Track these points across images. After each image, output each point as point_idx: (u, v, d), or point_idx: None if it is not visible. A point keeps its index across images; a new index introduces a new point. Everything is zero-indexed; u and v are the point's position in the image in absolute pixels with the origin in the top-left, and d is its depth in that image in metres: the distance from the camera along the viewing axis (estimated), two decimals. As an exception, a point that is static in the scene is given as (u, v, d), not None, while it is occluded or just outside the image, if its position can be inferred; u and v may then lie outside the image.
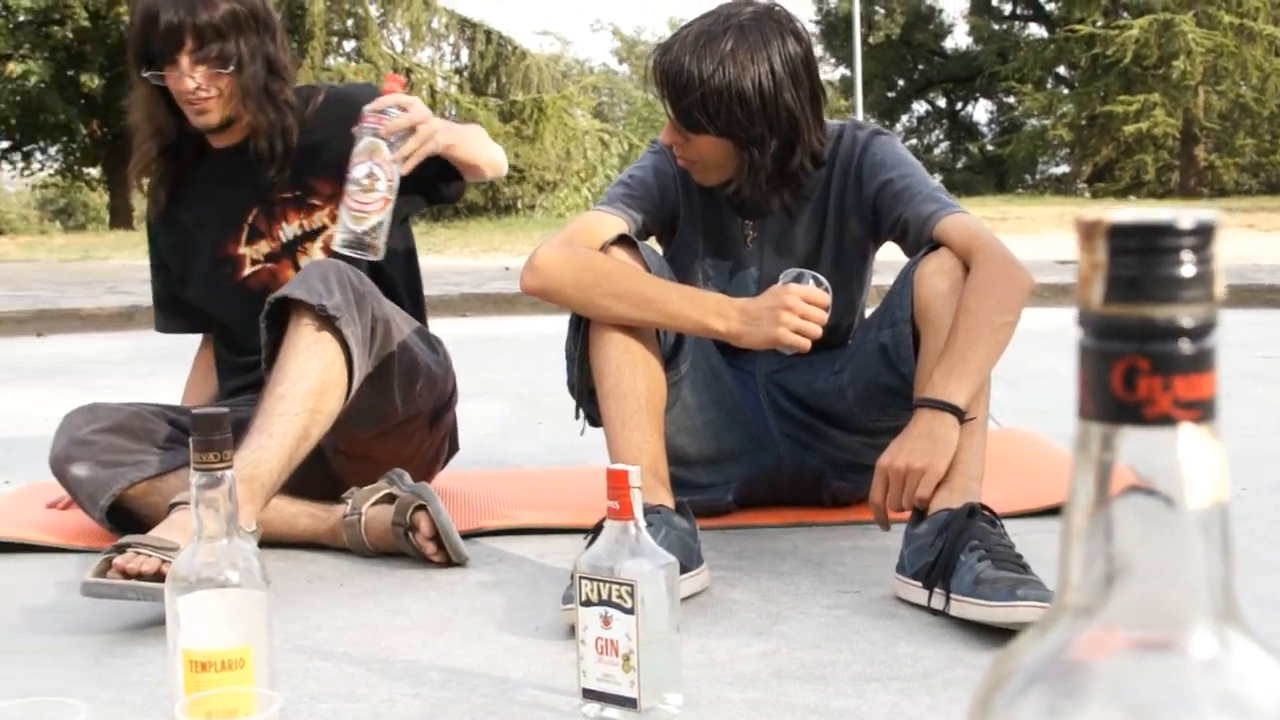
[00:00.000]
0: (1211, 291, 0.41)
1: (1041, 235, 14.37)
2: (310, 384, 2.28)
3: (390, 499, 2.41)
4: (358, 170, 2.46)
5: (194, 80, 2.56)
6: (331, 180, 2.63)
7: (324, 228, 2.67)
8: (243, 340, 2.71)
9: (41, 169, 26.39)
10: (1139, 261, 0.41)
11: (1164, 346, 0.41)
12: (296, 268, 2.66)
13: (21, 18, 21.92)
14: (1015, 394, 4.21)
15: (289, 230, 2.70)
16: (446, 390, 2.72)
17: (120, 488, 2.39)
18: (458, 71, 23.10)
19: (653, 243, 2.60)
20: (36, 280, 10.20)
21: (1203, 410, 0.42)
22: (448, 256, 12.77)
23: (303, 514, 2.49)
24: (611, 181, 2.66)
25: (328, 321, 2.30)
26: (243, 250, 2.72)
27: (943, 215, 2.35)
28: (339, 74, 20.86)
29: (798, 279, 2.28)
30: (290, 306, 2.33)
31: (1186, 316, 0.41)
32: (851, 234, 2.55)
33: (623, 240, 2.38)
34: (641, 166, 2.60)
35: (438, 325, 2.94)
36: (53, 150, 25.33)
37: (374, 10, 22.22)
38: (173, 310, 2.90)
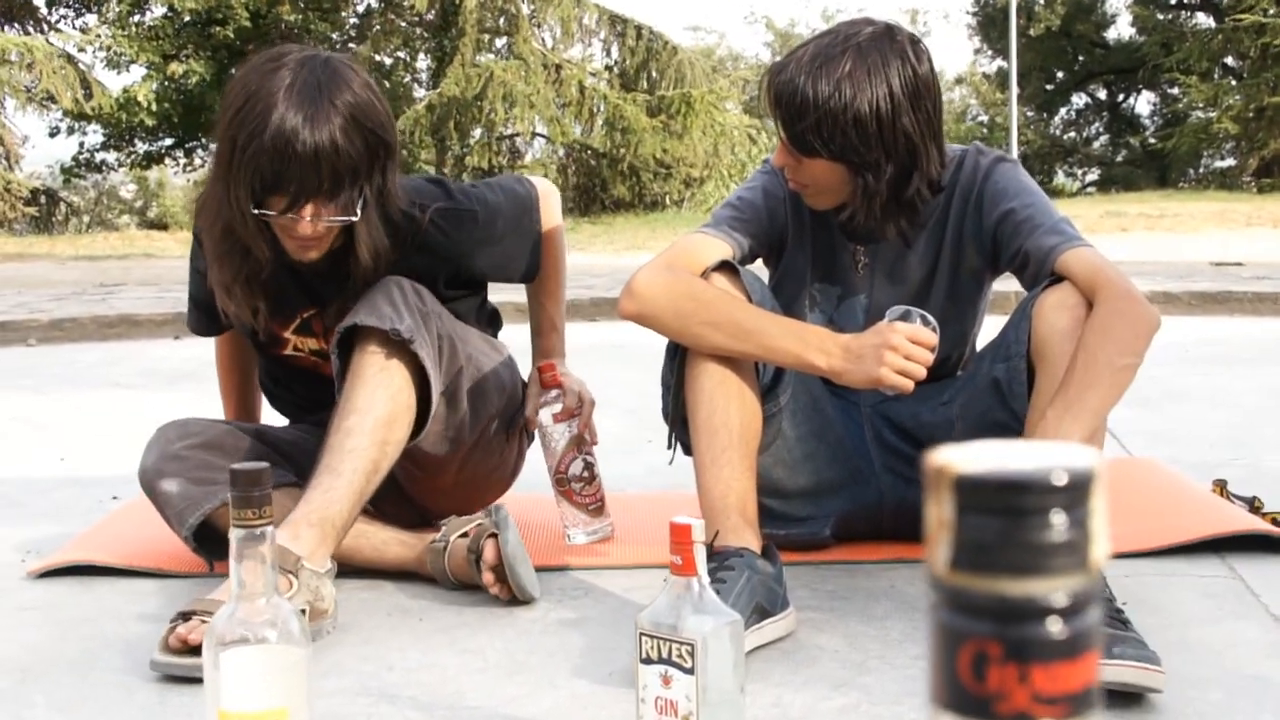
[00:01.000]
0: (1085, 559, 0.32)
1: (1199, 234, 13.90)
2: (379, 414, 2.24)
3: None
4: (573, 467, 2.60)
5: (312, 226, 2.26)
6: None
7: None
8: (292, 385, 2.68)
9: (203, 165, 27.08)
10: (993, 524, 0.32)
11: (1021, 629, 0.33)
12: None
13: (186, 18, 22.50)
14: (1149, 416, 4.03)
15: None
16: (517, 395, 2.64)
17: (211, 507, 2.31)
18: (608, 68, 23.13)
19: (759, 266, 2.52)
20: (180, 282, 10.43)
21: (1072, 706, 0.33)
22: (591, 254, 12.79)
23: (393, 541, 2.45)
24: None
25: (399, 346, 2.25)
26: (288, 335, 2.58)
27: (1066, 248, 2.22)
28: (487, 69, 21.01)
29: (904, 317, 2.18)
30: (356, 334, 2.28)
31: (1053, 592, 0.32)
32: (969, 263, 2.44)
33: (724, 266, 2.30)
34: (750, 187, 2.52)
35: (570, 330, 2.90)
36: (214, 147, 26.01)
37: (525, 7, 22.35)
38: (211, 314, 2.64)
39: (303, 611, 2.08)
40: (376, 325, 2.24)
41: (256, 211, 2.24)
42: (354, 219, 2.28)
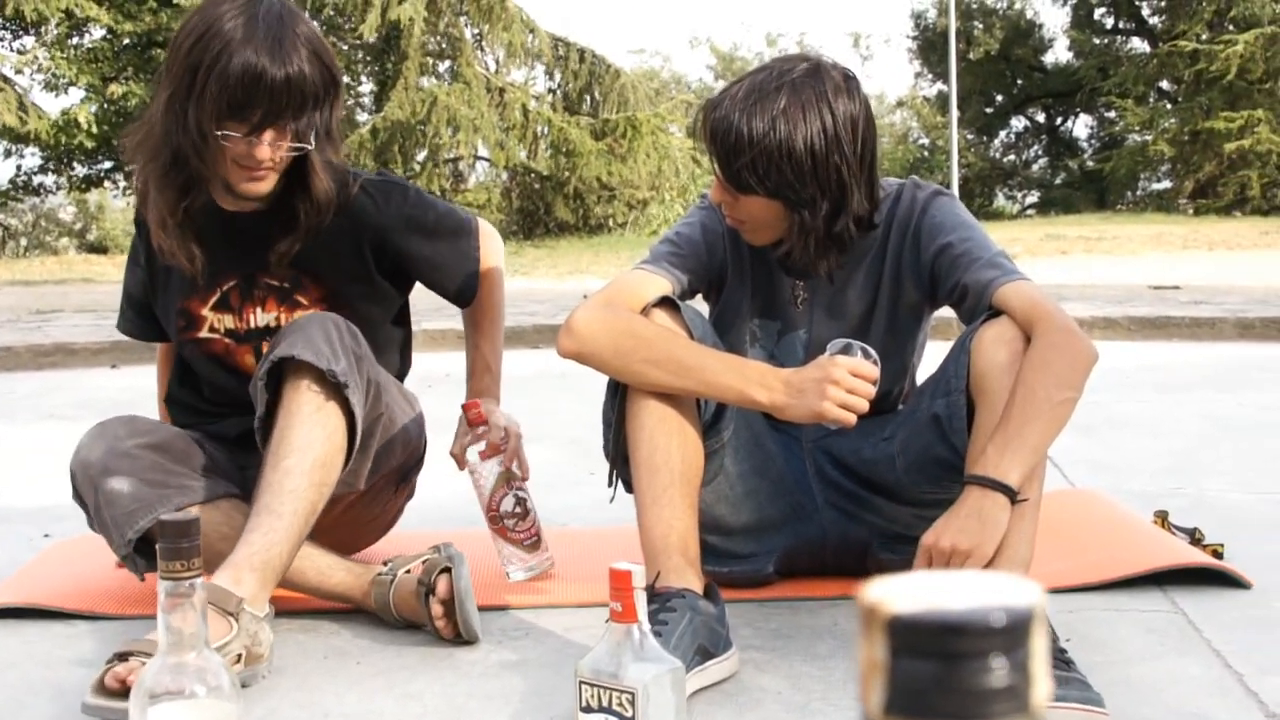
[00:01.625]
0: (1027, 702, 0.31)
1: (1137, 256, 14.05)
2: (316, 454, 2.21)
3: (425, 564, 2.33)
4: (504, 504, 2.59)
5: (271, 151, 2.32)
6: (323, 287, 2.51)
7: None
8: (198, 384, 2.63)
9: (144, 188, 26.78)
10: (929, 668, 0.30)
11: (961, 779, 0.31)
12: (258, 356, 2.51)
13: (126, 41, 22.30)
14: (1091, 445, 4.05)
15: (262, 318, 2.52)
16: (419, 450, 2.65)
17: (163, 512, 2.23)
18: (551, 91, 23.12)
19: (699, 301, 2.51)
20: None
21: None
22: (534, 279, 12.75)
23: (337, 567, 2.40)
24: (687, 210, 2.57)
25: (334, 388, 2.23)
26: (206, 313, 2.54)
27: (1004, 282, 2.22)
28: (431, 95, 20.96)
29: (845, 350, 2.17)
30: (289, 365, 2.24)
31: (992, 737, 0.30)
32: (907, 297, 2.44)
33: (665, 302, 2.28)
34: (689, 223, 2.50)
35: (508, 358, 2.88)
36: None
37: (468, 31, 22.32)
38: (146, 315, 2.69)
39: (239, 656, 2.04)
40: (313, 362, 2.20)
41: (224, 139, 2.27)
42: (309, 147, 2.33)
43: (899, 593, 0.30)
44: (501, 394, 2.72)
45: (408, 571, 2.32)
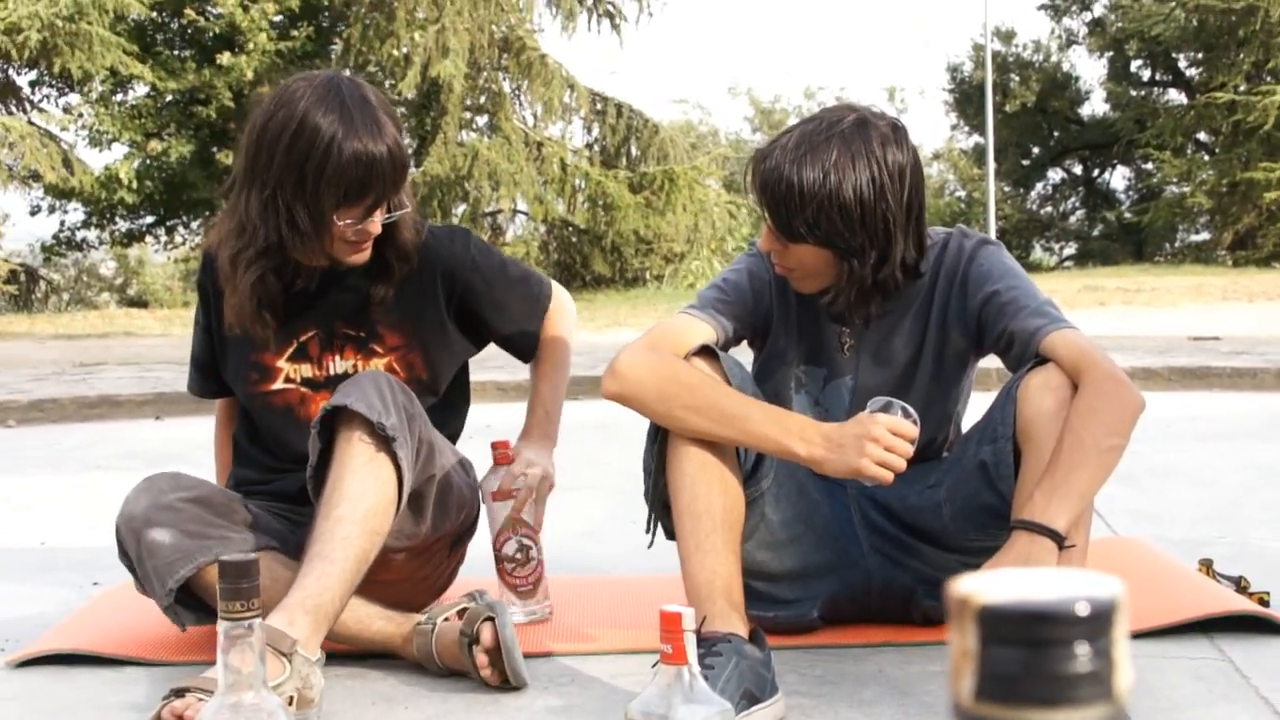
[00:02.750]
0: (1111, 688, 0.32)
1: (1176, 308, 13.99)
2: (368, 504, 2.24)
3: (464, 613, 2.35)
4: (507, 547, 2.64)
5: (379, 224, 2.45)
6: (400, 334, 2.59)
7: None
8: (266, 441, 2.67)
9: (184, 243, 27.06)
10: (1017, 655, 0.32)
11: (1049, 760, 0.32)
12: None
13: (169, 98, 22.61)
14: (1133, 494, 4.03)
15: (340, 365, 2.60)
16: (473, 515, 2.69)
17: (205, 561, 2.29)
18: (588, 145, 23.28)
19: (743, 349, 2.53)
20: (162, 361, 10.39)
21: (1098, 838, 0.33)
22: (572, 330, 12.74)
23: (377, 616, 2.42)
24: (734, 258, 2.61)
25: (384, 441, 2.26)
26: (282, 364, 2.61)
27: (1051, 330, 2.24)
28: (472, 149, 21.13)
29: (885, 408, 2.19)
30: (342, 416, 2.28)
31: (1079, 722, 0.32)
32: (953, 345, 2.45)
33: (704, 351, 2.30)
34: (736, 270, 2.53)
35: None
36: (195, 225, 25.97)
37: (507, 85, 22.51)
38: (210, 376, 2.77)
39: (291, 699, 2.05)
40: (365, 414, 2.24)
41: (344, 223, 2.39)
42: (408, 209, 2.49)
43: (989, 585, 0.32)
44: (557, 440, 2.75)
45: (446, 620, 2.35)
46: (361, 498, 2.23)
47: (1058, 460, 2.10)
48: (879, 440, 2.11)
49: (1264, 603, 2.61)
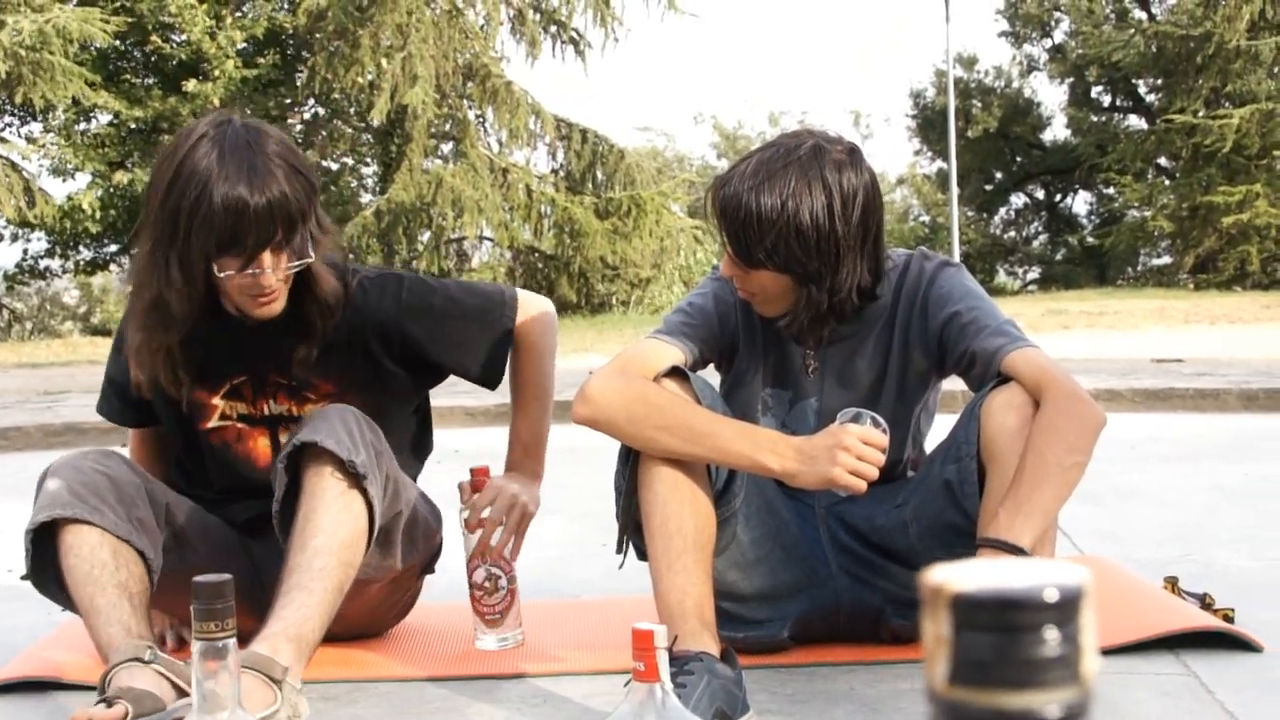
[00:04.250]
0: (1078, 672, 0.34)
1: (1139, 331, 14.11)
2: (343, 536, 2.25)
3: None
4: (476, 575, 2.63)
5: (277, 276, 2.35)
6: (332, 384, 2.56)
7: None
8: (204, 472, 2.65)
9: (148, 270, 26.88)
10: (989, 640, 0.34)
11: (1020, 741, 0.34)
12: (274, 440, 2.58)
13: (132, 126, 22.53)
14: (1099, 514, 4.07)
15: (275, 408, 2.58)
16: (436, 542, 2.71)
17: (61, 514, 2.27)
18: (554, 171, 23.32)
19: (710, 371, 2.55)
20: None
21: (1068, 815, 0.35)
22: (539, 356, 12.75)
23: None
24: (697, 283, 2.62)
25: (355, 479, 2.27)
26: (217, 401, 2.58)
27: (1012, 349, 2.27)
28: (436, 177, 21.14)
29: (855, 419, 2.22)
30: (311, 451, 2.28)
31: (1048, 704, 0.34)
32: (916, 366, 2.48)
33: (675, 372, 2.32)
34: (701, 294, 2.55)
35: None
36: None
37: (471, 113, 22.54)
38: (126, 399, 2.67)
39: None
40: (335, 451, 2.25)
41: (224, 275, 2.30)
42: (310, 259, 2.37)
43: (961, 574, 0.34)
44: (541, 475, 2.78)
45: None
46: (336, 530, 2.24)
47: (1021, 478, 2.12)
48: (850, 450, 2.14)
49: (1229, 620, 2.64)
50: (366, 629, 2.66)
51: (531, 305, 2.74)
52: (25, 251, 25.92)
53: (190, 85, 21.28)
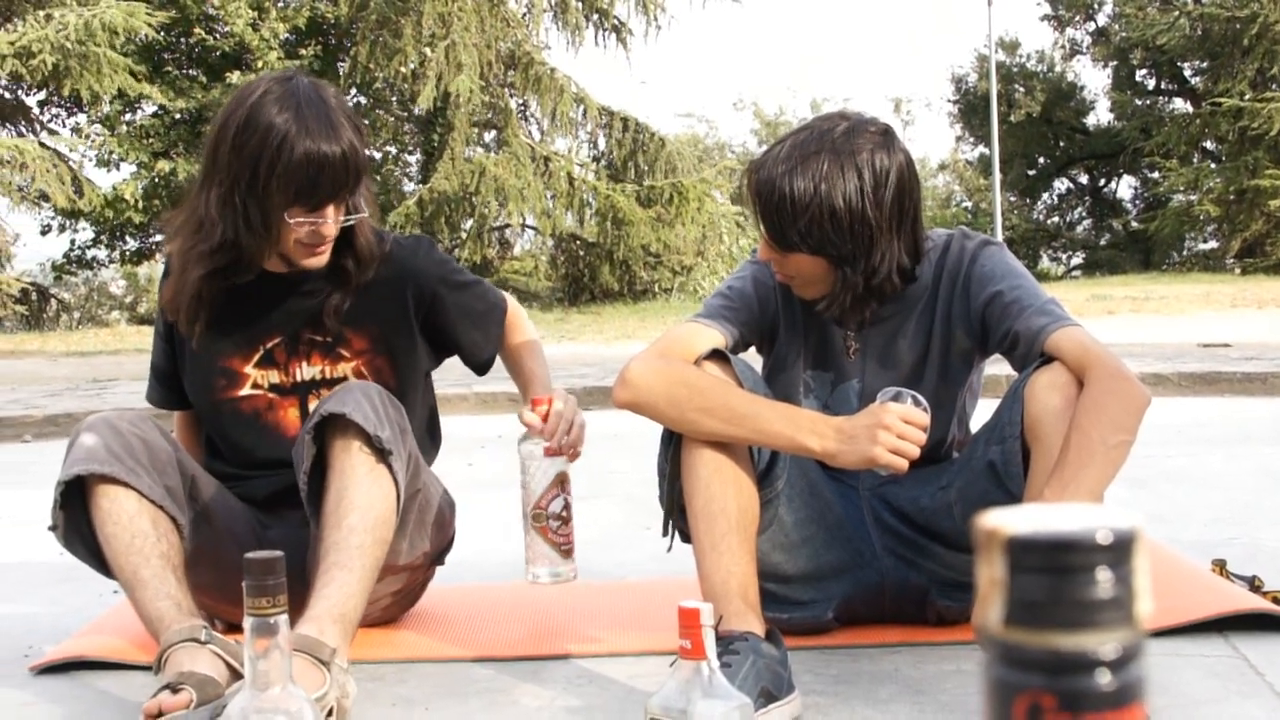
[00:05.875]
0: (1131, 613, 0.35)
1: (1185, 316, 13.99)
2: (377, 513, 2.27)
3: None
4: (553, 504, 2.47)
5: (335, 226, 2.45)
6: (367, 337, 2.61)
7: (344, 378, 2.59)
8: (224, 451, 2.67)
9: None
10: (1043, 582, 0.35)
11: (1074, 680, 0.35)
12: (303, 408, 2.61)
13: (177, 116, 22.69)
14: (1145, 497, 4.05)
15: (308, 371, 2.61)
16: (449, 534, 2.72)
17: (98, 470, 2.28)
18: (595, 159, 23.33)
19: (753, 355, 2.55)
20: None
21: (1121, 755, 0.35)
22: (581, 343, 12.83)
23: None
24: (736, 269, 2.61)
25: (381, 454, 2.28)
26: (249, 370, 2.63)
27: (1055, 328, 2.26)
28: (480, 165, 21.19)
29: (896, 398, 2.21)
30: (338, 424, 2.29)
31: (1102, 644, 0.35)
32: (958, 346, 2.47)
33: (716, 355, 2.33)
34: (740, 277, 2.55)
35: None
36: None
37: (514, 101, 22.58)
38: (171, 386, 2.75)
39: (330, 711, 2.06)
40: (362, 425, 2.26)
41: (294, 222, 2.39)
42: (365, 214, 2.50)
43: (1015, 518, 0.34)
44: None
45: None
46: (370, 507, 2.26)
47: (1065, 458, 2.11)
48: (891, 428, 2.14)
49: (1278, 601, 2.63)
50: (368, 619, 2.54)
51: (512, 303, 2.83)
52: (72, 242, 26.18)
53: (234, 77, 21.40)
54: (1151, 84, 34.59)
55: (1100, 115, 37.12)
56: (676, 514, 2.38)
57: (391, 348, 2.61)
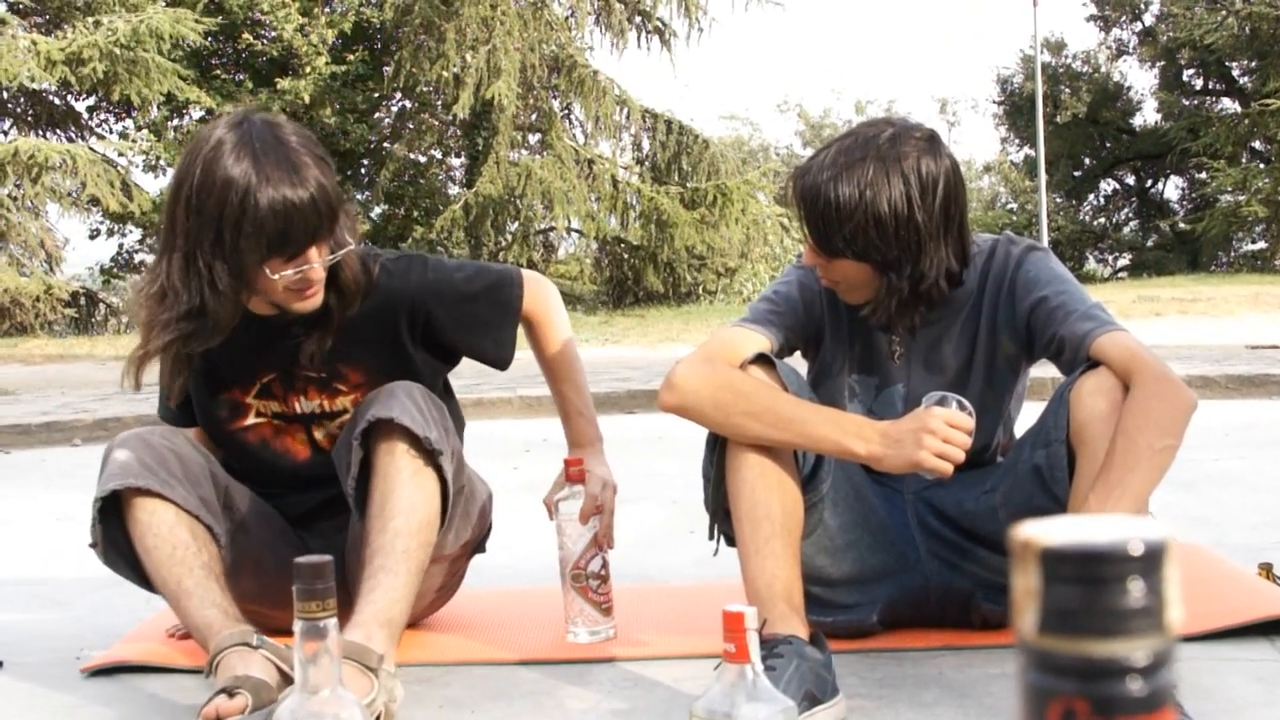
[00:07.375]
0: (1162, 621, 0.36)
1: (1233, 317, 13.87)
2: (421, 516, 2.29)
3: None
4: (592, 564, 2.59)
5: (322, 269, 2.35)
6: (361, 371, 2.56)
7: (345, 411, 2.57)
8: (240, 474, 2.65)
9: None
10: (1076, 591, 0.36)
11: (1106, 687, 0.36)
12: (309, 437, 2.60)
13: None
14: (1190, 500, 4.03)
15: (307, 405, 2.59)
16: (488, 522, 2.74)
17: (134, 484, 2.30)
18: (639, 161, 23.35)
19: (798, 360, 2.56)
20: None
21: (1153, 759, 0.37)
22: (625, 347, 12.86)
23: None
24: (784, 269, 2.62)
25: (429, 455, 2.30)
26: (250, 400, 2.61)
27: (1100, 333, 2.26)
28: (525, 168, 21.24)
29: (941, 402, 2.22)
30: (384, 428, 2.30)
31: (1133, 652, 0.36)
32: (1004, 351, 2.47)
33: (761, 359, 2.34)
34: (786, 282, 2.57)
35: (606, 423, 2.92)
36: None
37: (557, 104, 22.63)
38: (181, 406, 2.70)
39: (378, 717, 2.08)
40: (410, 427, 2.28)
41: (276, 276, 2.29)
42: (351, 244, 2.39)
43: (1049, 529, 0.36)
44: (602, 436, 2.77)
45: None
46: (414, 510, 2.28)
47: (1111, 462, 2.11)
48: (936, 432, 2.14)
49: (1324, 606, 2.61)
50: (414, 614, 2.58)
51: (532, 281, 2.71)
52: (120, 246, 26.39)
53: (284, 83, 21.55)
54: (1199, 84, 34.29)
55: (1147, 116, 36.85)
56: (721, 518, 2.40)
57: (391, 375, 2.52)
